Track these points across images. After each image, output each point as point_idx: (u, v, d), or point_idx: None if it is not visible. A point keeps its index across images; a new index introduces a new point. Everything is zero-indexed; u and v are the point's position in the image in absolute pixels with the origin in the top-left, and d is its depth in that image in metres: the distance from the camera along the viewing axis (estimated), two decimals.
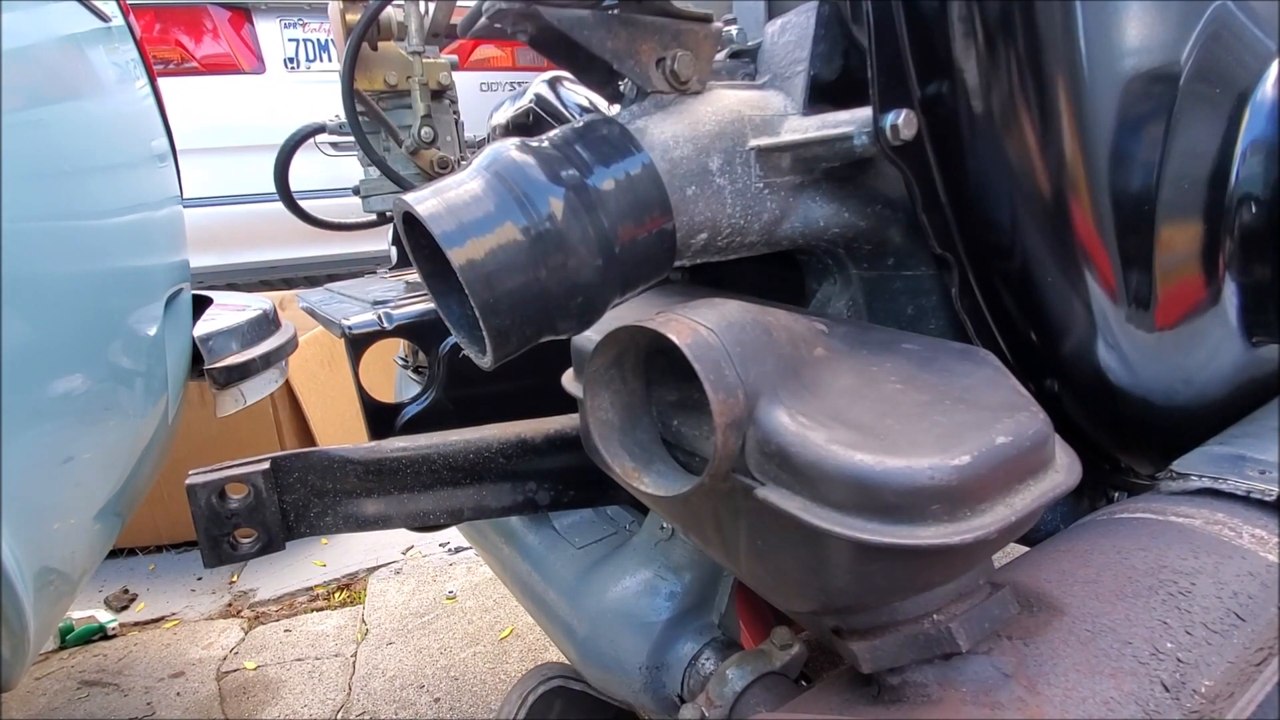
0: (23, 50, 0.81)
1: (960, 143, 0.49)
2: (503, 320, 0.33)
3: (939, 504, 0.29)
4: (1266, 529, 0.42)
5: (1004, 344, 0.64)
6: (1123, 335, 0.59)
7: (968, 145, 0.56)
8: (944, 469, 0.29)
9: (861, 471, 0.29)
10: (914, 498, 0.29)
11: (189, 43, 3.20)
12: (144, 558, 2.39)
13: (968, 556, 0.33)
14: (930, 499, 0.29)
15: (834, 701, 0.36)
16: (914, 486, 0.29)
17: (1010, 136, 0.46)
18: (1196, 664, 0.34)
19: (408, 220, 0.36)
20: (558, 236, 0.34)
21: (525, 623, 1.90)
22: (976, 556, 0.34)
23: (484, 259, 0.32)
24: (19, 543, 0.70)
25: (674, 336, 0.31)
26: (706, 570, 0.63)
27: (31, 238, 0.76)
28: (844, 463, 0.29)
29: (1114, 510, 0.47)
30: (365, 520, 0.60)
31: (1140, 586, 0.38)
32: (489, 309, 0.33)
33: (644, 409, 0.37)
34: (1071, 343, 0.61)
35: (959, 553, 0.31)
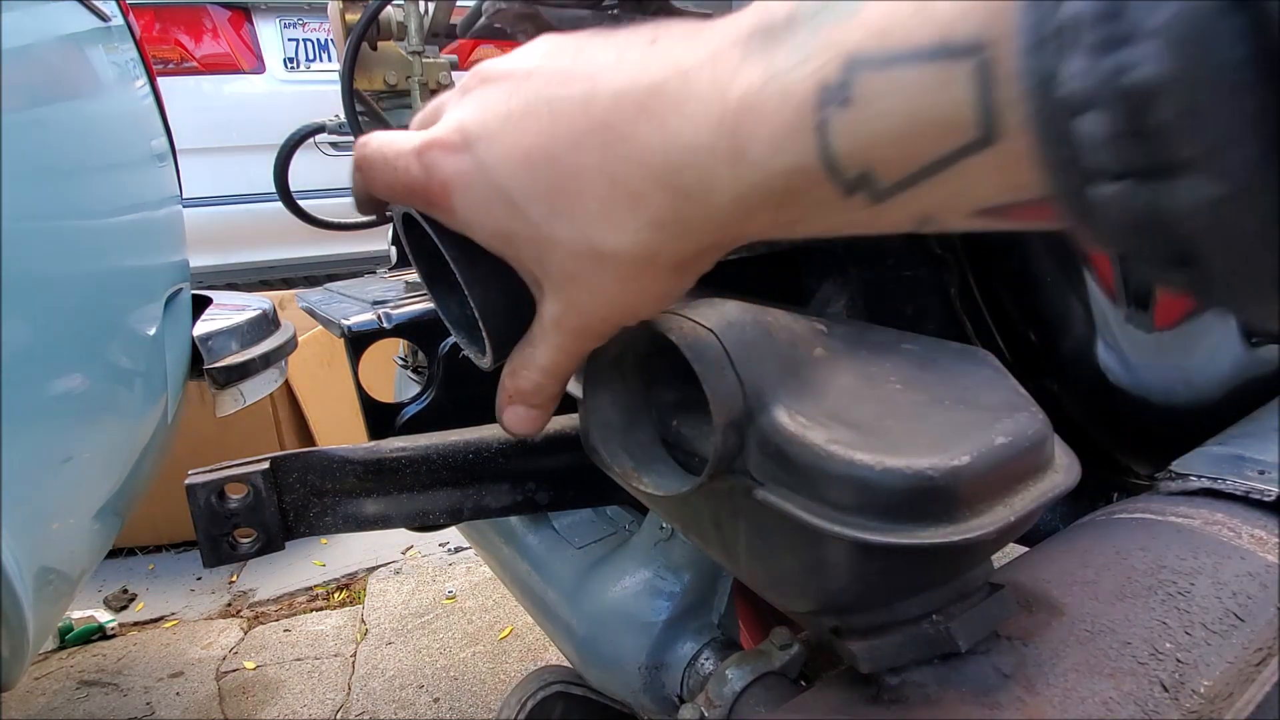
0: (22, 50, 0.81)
1: None
2: (499, 319, 0.33)
3: (938, 504, 0.29)
4: (1266, 529, 0.42)
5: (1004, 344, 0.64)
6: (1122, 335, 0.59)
7: None
8: (943, 469, 0.29)
9: (861, 471, 0.29)
10: (913, 498, 0.29)
11: (189, 42, 3.20)
12: (143, 557, 2.39)
13: (967, 556, 0.33)
14: (930, 499, 0.29)
15: (833, 701, 0.36)
16: (913, 486, 0.29)
17: None
18: (1196, 664, 0.34)
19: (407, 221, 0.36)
20: None
21: (525, 623, 1.90)
22: (976, 556, 0.34)
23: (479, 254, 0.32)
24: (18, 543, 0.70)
25: (674, 336, 0.31)
26: (706, 570, 0.63)
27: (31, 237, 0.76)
28: (844, 463, 0.29)
29: (1113, 510, 0.47)
30: (365, 520, 0.60)
31: (1139, 587, 0.38)
32: (487, 306, 0.33)
33: (644, 409, 0.37)
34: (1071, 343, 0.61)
35: (958, 553, 0.31)
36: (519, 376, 0.34)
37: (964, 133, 0.19)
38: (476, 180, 0.29)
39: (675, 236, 0.27)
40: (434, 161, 0.30)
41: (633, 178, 0.26)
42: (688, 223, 0.26)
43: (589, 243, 0.27)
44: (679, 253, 0.28)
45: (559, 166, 0.27)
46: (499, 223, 0.29)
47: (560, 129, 0.27)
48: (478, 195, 0.29)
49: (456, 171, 0.29)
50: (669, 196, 0.26)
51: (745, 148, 0.23)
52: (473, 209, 0.29)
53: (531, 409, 0.35)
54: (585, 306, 0.30)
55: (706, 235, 0.27)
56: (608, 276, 0.28)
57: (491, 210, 0.29)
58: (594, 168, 0.26)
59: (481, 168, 0.29)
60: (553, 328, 0.31)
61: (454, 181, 0.29)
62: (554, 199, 0.27)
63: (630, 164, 0.26)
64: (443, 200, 0.30)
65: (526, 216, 0.28)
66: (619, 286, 0.29)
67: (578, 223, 0.27)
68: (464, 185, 0.29)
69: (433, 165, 0.30)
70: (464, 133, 0.29)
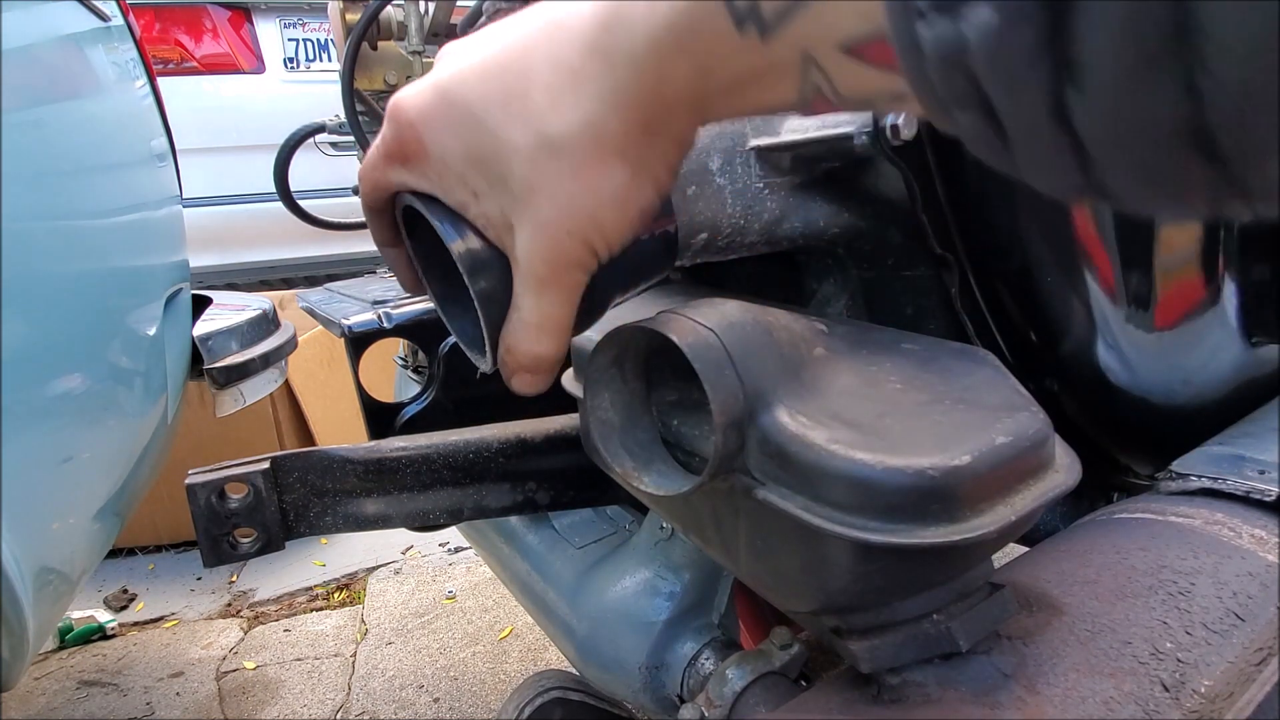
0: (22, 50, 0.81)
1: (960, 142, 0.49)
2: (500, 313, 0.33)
3: (939, 504, 0.29)
4: (1266, 529, 0.42)
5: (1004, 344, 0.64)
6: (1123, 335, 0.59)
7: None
8: (944, 469, 0.29)
9: (861, 471, 0.29)
10: (914, 497, 0.29)
11: (188, 42, 3.20)
12: (143, 557, 2.39)
13: (968, 556, 0.33)
14: (930, 499, 0.29)
15: (834, 701, 0.36)
16: (914, 486, 0.29)
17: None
18: (1196, 664, 0.34)
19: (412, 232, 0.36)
20: None
21: (525, 622, 1.90)
22: (976, 556, 0.34)
23: (483, 248, 0.32)
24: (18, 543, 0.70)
25: (674, 336, 0.31)
26: (706, 570, 0.63)
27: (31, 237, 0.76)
28: (844, 462, 0.29)
29: (1114, 510, 0.47)
30: (365, 520, 0.60)
31: (1140, 586, 0.38)
32: (487, 297, 0.33)
33: (644, 409, 0.37)
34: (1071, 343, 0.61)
35: (959, 552, 0.31)
36: (515, 352, 0.34)
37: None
38: (439, 105, 0.30)
39: (613, 106, 0.28)
40: (401, 107, 0.31)
41: (572, 55, 0.28)
42: (619, 86, 0.28)
43: (541, 135, 0.29)
44: (622, 129, 0.29)
45: (512, 69, 0.29)
46: (463, 143, 0.30)
47: (512, 35, 0.30)
48: (442, 121, 0.30)
49: (421, 104, 0.31)
50: (600, 61, 0.28)
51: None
52: (439, 138, 0.31)
53: (536, 375, 0.35)
54: (550, 220, 0.30)
55: (643, 105, 0.28)
56: (564, 171, 0.29)
57: (456, 132, 0.30)
58: (541, 58, 0.29)
59: (443, 93, 0.30)
60: (527, 266, 0.32)
61: (420, 116, 0.31)
62: (509, 102, 0.29)
63: (570, 44, 0.28)
64: (414, 143, 0.31)
65: (485, 126, 0.29)
66: (575, 183, 0.29)
67: (530, 118, 0.29)
68: (429, 116, 0.31)
69: (400, 111, 0.31)
70: (430, 76, 0.31)
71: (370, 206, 0.36)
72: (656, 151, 0.30)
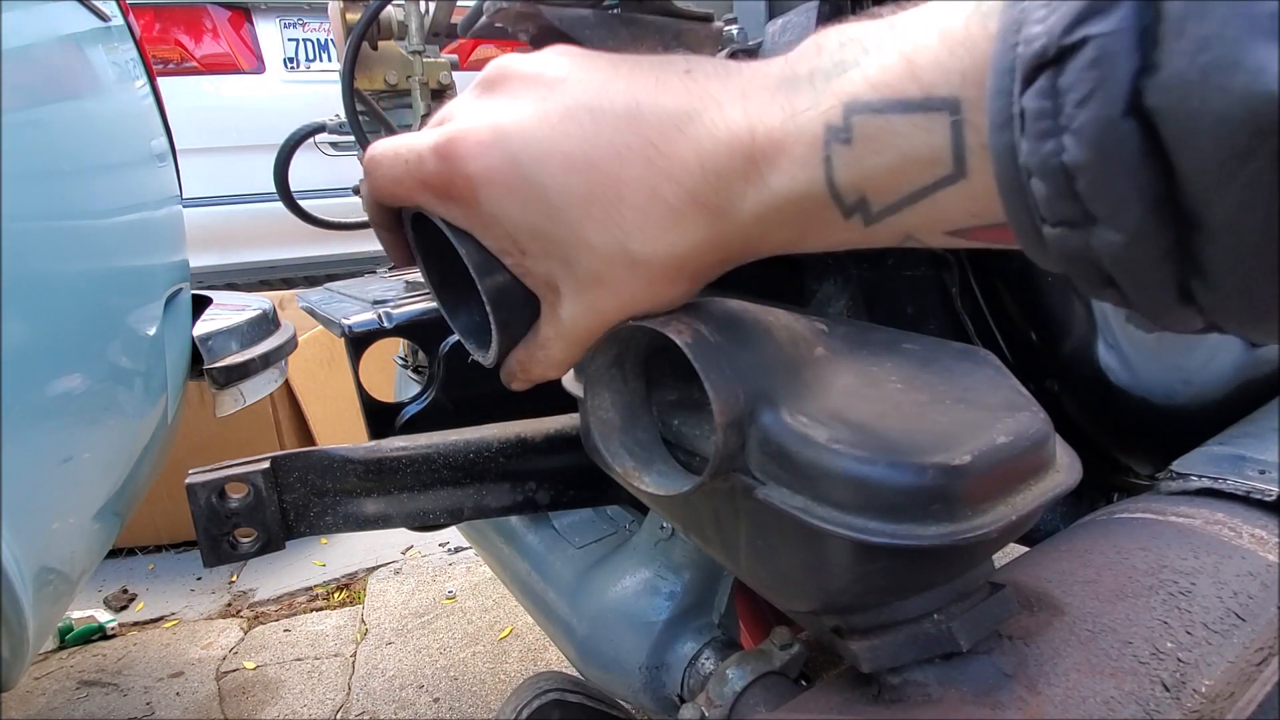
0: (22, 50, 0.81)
1: None
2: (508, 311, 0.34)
3: (939, 504, 0.29)
4: (1266, 529, 0.42)
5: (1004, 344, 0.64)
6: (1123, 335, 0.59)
7: None
8: (944, 469, 0.29)
9: (862, 471, 0.29)
10: (914, 497, 0.29)
11: (189, 42, 3.20)
12: (143, 557, 2.39)
13: (968, 556, 0.33)
14: (931, 499, 0.29)
15: (834, 701, 0.36)
16: (914, 486, 0.29)
17: None
18: (1197, 664, 0.34)
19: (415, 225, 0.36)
20: None
21: (525, 622, 1.90)
22: (977, 556, 0.34)
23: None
24: (18, 543, 0.70)
25: (674, 336, 0.31)
26: (706, 570, 0.63)
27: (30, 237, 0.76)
28: (845, 462, 0.29)
29: (1114, 510, 0.47)
30: (365, 520, 0.60)
31: (1140, 586, 0.38)
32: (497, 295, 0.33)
33: (644, 409, 0.37)
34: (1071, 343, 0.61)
35: (959, 552, 0.31)
36: (530, 370, 0.35)
37: (941, 168, 0.23)
38: (510, 177, 0.30)
39: (703, 250, 0.30)
40: (460, 154, 0.30)
41: (671, 194, 0.28)
42: (716, 238, 0.29)
43: (624, 249, 0.29)
44: (704, 262, 0.31)
45: (599, 174, 0.29)
46: (530, 220, 0.30)
47: (603, 138, 0.29)
48: (507, 188, 0.30)
49: (488, 166, 0.30)
50: (701, 214, 0.29)
51: (766, 175, 0.27)
52: (499, 201, 0.30)
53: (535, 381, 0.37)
54: (607, 307, 0.31)
55: (730, 249, 0.30)
56: (637, 281, 0.30)
57: (524, 207, 0.30)
58: (635, 180, 0.29)
59: (516, 165, 0.29)
60: (570, 327, 0.33)
61: (483, 176, 0.30)
62: (591, 204, 0.29)
63: (670, 181, 0.28)
64: (466, 194, 0.31)
65: (561, 217, 0.29)
66: (645, 290, 0.31)
67: (613, 230, 0.29)
68: (495, 181, 0.30)
69: (458, 158, 0.30)
70: (497, 130, 0.30)
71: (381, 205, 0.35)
72: (727, 267, 0.32)
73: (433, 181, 0.31)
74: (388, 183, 0.33)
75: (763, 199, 0.27)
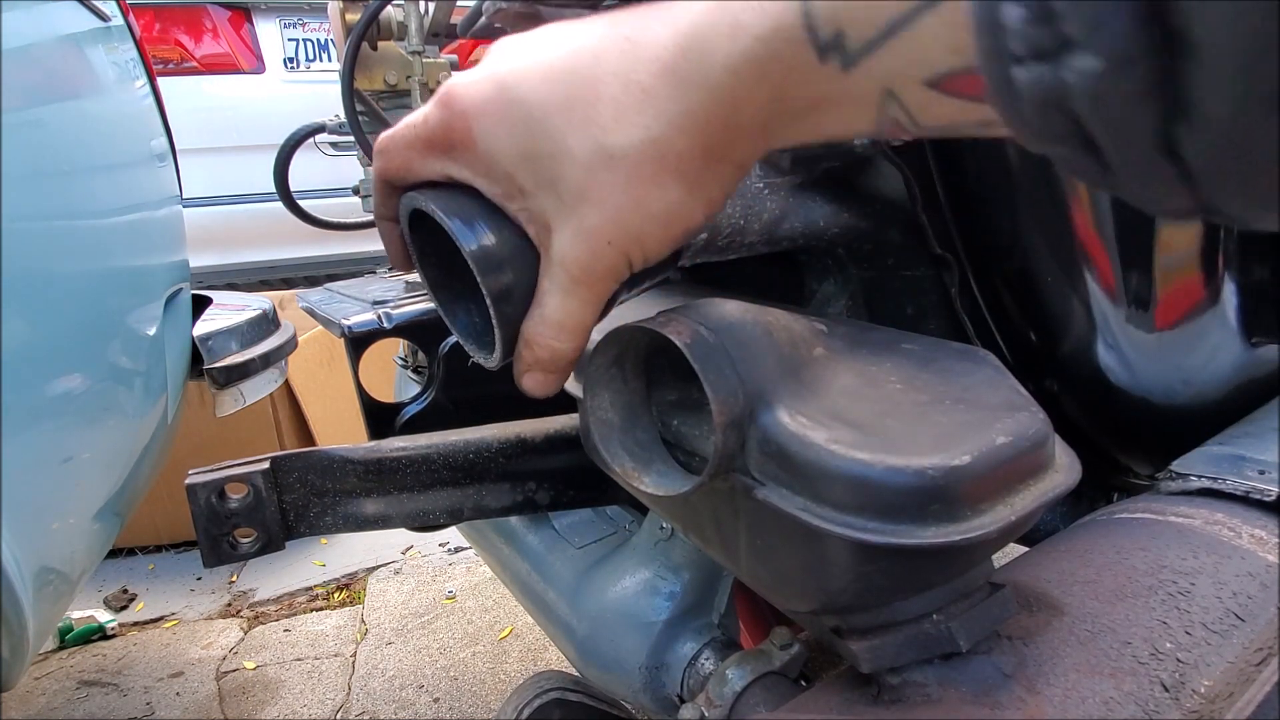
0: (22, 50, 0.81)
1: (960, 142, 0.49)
2: (514, 312, 0.34)
3: (939, 504, 0.29)
4: (1266, 529, 0.42)
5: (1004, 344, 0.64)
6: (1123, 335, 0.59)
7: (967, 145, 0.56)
8: (944, 469, 0.29)
9: (862, 471, 0.29)
10: (914, 498, 0.29)
11: (189, 42, 3.20)
12: (143, 558, 2.39)
13: (968, 556, 0.33)
14: (930, 499, 0.29)
15: (834, 701, 0.36)
16: (914, 486, 0.29)
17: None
18: (1196, 664, 0.34)
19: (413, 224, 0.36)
20: None
21: (525, 623, 1.90)
22: (976, 556, 0.34)
23: (495, 249, 0.32)
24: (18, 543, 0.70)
25: (674, 336, 0.31)
26: (706, 570, 0.63)
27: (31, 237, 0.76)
28: (844, 463, 0.29)
29: (1113, 510, 0.47)
30: (365, 520, 0.60)
31: (1140, 587, 0.38)
32: (501, 298, 0.33)
33: (644, 409, 0.37)
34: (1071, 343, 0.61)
35: (959, 553, 0.31)
36: (535, 346, 0.34)
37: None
38: (497, 101, 0.30)
39: (680, 130, 0.28)
40: (455, 95, 0.31)
41: (644, 74, 0.28)
42: (690, 110, 0.28)
43: (601, 147, 0.29)
44: (685, 151, 0.29)
45: (578, 77, 0.29)
46: (519, 143, 0.30)
47: (581, 44, 0.30)
48: (497, 116, 0.30)
49: (477, 97, 0.30)
50: (674, 85, 0.28)
51: (740, 19, 0.26)
52: (492, 131, 0.30)
53: (549, 374, 0.35)
54: (594, 228, 0.30)
55: (710, 126, 0.28)
56: (617, 183, 0.29)
57: (512, 129, 0.30)
58: (611, 73, 0.29)
59: (502, 88, 0.30)
60: (560, 266, 0.31)
61: (474, 109, 0.30)
62: (571, 109, 0.29)
63: (643, 62, 0.28)
64: (463, 132, 0.31)
65: (544, 129, 0.29)
66: (627, 196, 0.29)
67: (591, 128, 0.29)
68: (484, 109, 0.30)
69: (454, 99, 0.31)
70: (488, 70, 0.31)
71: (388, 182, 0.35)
72: (715, 174, 0.31)
73: (436, 134, 0.32)
74: (399, 152, 0.33)
75: (736, 48, 0.26)
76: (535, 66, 0.30)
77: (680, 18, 0.28)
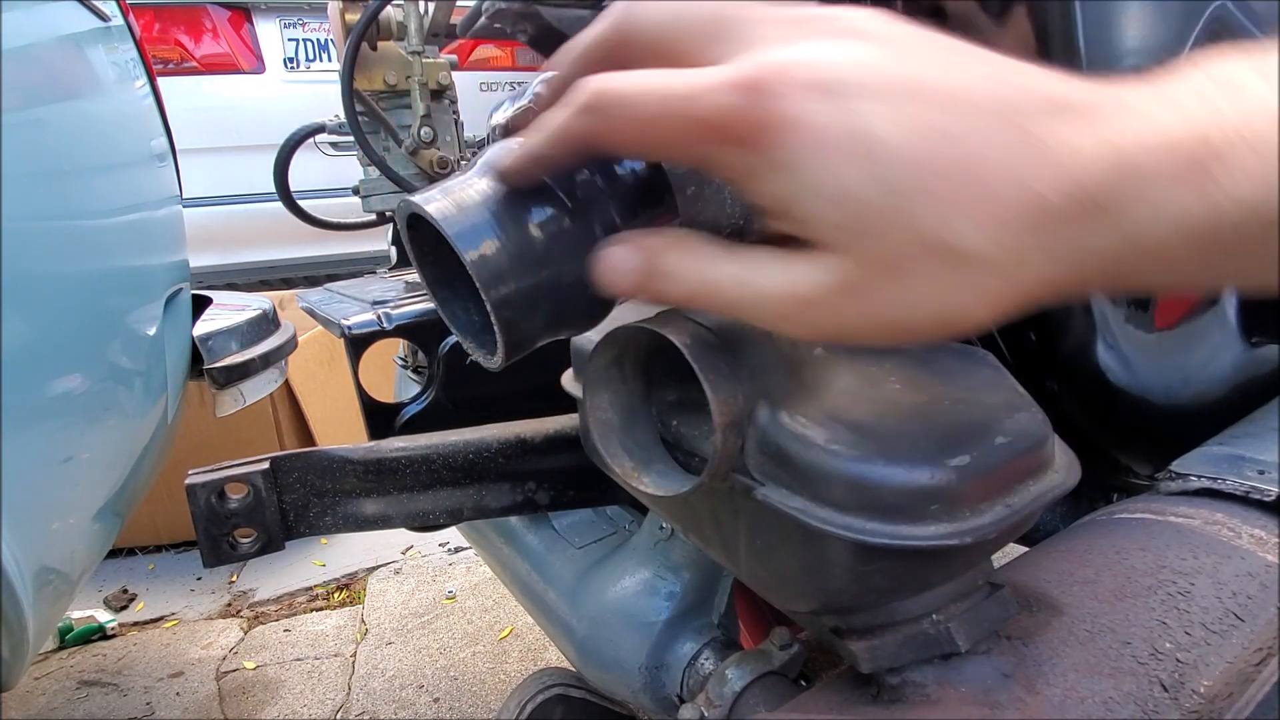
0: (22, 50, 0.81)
1: None
2: (514, 316, 0.33)
3: (938, 504, 0.29)
4: (1266, 529, 0.42)
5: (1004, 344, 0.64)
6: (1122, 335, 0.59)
7: None
8: (943, 469, 0.29)
9: (861, 472, 0.29)
10: (913, 498, 0.29)
11: (188, 42, 3.20)
12: (143, 557, 2.39)
13: (967, 556, 0.33)
14: (930, 499, 0.29)
15: (833, 701, 0.36)
16: (913, 487, 0.29)
17: None
18: (1195, 664, 0.34)
19: (411, 223, 0.36)
20: (568, 232, 0.34)
21: (525, 623, 1.90)
22: (976, 556, 0.34)
23: (495, 256, 0.32)
24: (18, 543, 0.70)
25: (674, 336, 0.31)
26: (706, 570, 0.63)
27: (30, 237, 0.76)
28: (844, 463, 0.29)
29: (1113, 510, 0.47)
30: (365, 520, 0.60)
31: (1139, 587, 0.38)
32: (502, 304, 0.33)
33: (644, 409, 0.37)
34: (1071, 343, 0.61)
35: (958, 553, 0.31)
36: (672, 277, 0.28)
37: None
38: (841, 131, 0.25)
39: (1055, 259, 0.24)
40: (776, 91, 0.25)
41: (1047, 188, 0.23)
42: (1083, 246, 0.24)
43: (954, 240, 0.24)
44: (1040, 284, 0.25)
45: (956, 147, 0.24)
46: (843, 180, 0.25)
47: (969, 112, 0.24)
48: (834, 146, 0.25)
49: (816, 113, 0.25)
50: (1081, 212, 0.23)
51: (1219, 178, 0.22)
52: (811, 157, 0.25)
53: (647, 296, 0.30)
54: (878, 300, 0.25)
55: (1085, 276, 0.24)
56: (941, 280, 0.25)
57: (845, 167, 0.25)
58: (1001, 163, 0.24)
59: (854, 120, 0.25)
60: (814, 292, 0.26)
61: (806, 123, 0.25)
62: (934, 178, 0.24)
63: (1048, 167, 0.23)
64: (772, 136, 0.25)
65: (889, 185, 0.24)
66: (937, 294, 0.25)
67: (950, 213, 0.24)
68: (815, 126, 0.25)
69: (772, 95, 0.25)
70: (828, 70, 0.25)
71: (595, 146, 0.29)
72: (1039, 303, 0.26)
73: (724, 119, 0.26)
74: (640, 124, 0.27)
75: (1195, 209, 0.22)
76: (899, 110, 0.25)
77: (1104, 133, 0.23)
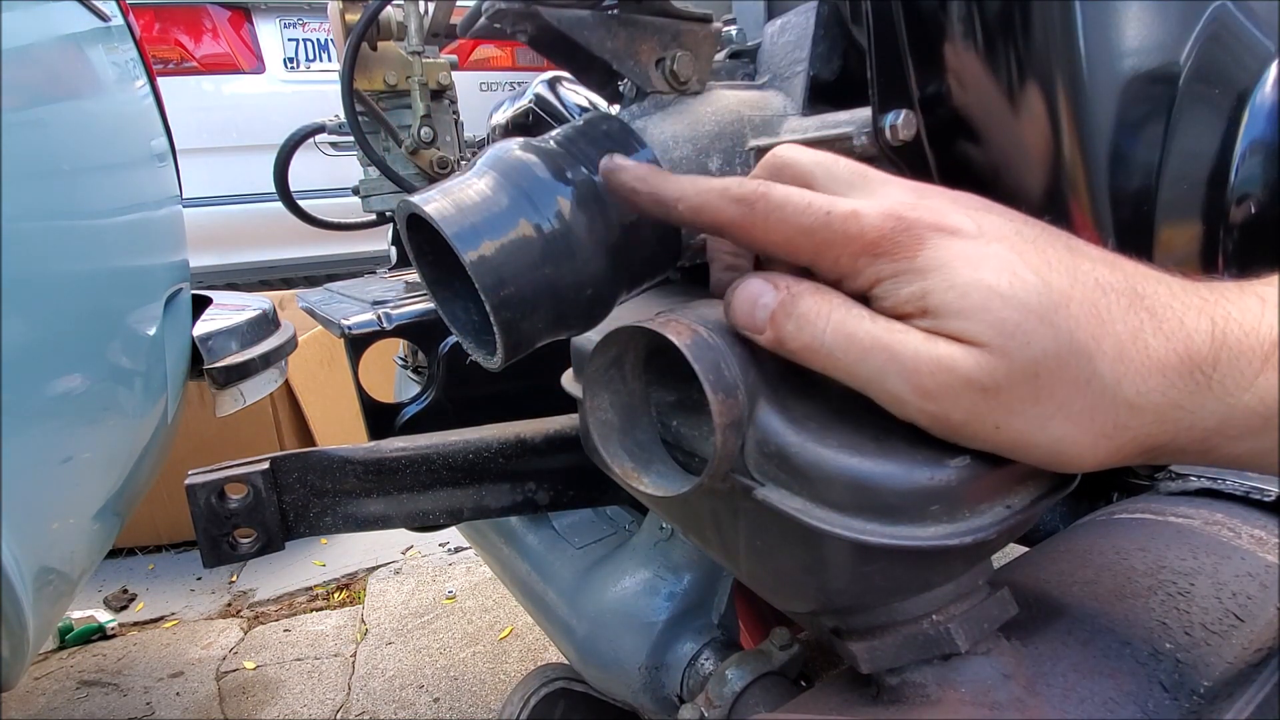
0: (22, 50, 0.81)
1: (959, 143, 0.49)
2: (514, 316, 0.33)
3: (938, 504, 0.29)
4: (1265, 529, 0.42)
5: None
6: None
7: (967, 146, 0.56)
8: (943, 470, 0.29)
9: (861, 472, 0.29)
10: (913, 498, 0.29)
11: (189, 42, 3.20)
12: (143, 557, 2.39)
13: (967, 557, 0.33)
14: (929, 499, 0.29)
15: (833, 701, 0.36)
16: (913, 487, 0.29)
17: (1009, 137, 0.46)
18: (1195, 665, 0.34)
19: (411, 223, 0.36)
20: (567, 233, 0.34)
21: (525, 623, 1.90)
22: (976, 557, 0.34)
23: (495, 256, 0.32)
24: (18, 543, 0.70)
25: (673, 337, 0.31)
26: (706, 570, 0.63)
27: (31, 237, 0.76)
28: (843, 463, 0.29)
29: (1113, 510, 0.47)
30: (365, 520, 0.60)
31: (1139, 587, 0.38)
32: (502, 305, 0.33)
33: (643, 409, 0.37)
34: None
35: (958, 553, 0.31)
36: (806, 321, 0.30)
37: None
38: (987, 250, 0.29)
39: (1163, 420, 0.28)
40: (929, 217, 0.29)
41: (1157, 346, 0.28)
42: (1178, 417, 0.28)
43: (1096, 352, 0.28)
44: (1146, 434, 0.28)
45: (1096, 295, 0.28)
46: (992, 284, 0.28)
47: (1086, 311, 0.28)
48: (983, 256, 0.28)
49: (961, 257, 0.28)
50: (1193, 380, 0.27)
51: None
52: (966, 264, 0.28)
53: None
54: (1013, 405, 0.28)
55: (1189, 432, 0.28)
56: (1073, 403, 0.28)
57: (992, 276, 0.28)
58: (1120, 313, 0.28)
59: (997, 246, 0.29)
60: (956, 377, 0.28)
61: (953, 261, 0.28)
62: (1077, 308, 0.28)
63: (1157, 332, 0.28)
64: (921, 247, 0.29)
65: (1039, 297, 0.28)
66: (1064, 417, 0.28)
67: (1093, 339, 0.28)
68: (968, 244, 0.29)
69: (924, 222, 0.29)
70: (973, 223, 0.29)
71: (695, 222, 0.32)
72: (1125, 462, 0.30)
73: (878, 234, 0.29)
74: (794, 230, 0.30)
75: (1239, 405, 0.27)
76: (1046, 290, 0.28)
77: (1219, 317, 0.27)
